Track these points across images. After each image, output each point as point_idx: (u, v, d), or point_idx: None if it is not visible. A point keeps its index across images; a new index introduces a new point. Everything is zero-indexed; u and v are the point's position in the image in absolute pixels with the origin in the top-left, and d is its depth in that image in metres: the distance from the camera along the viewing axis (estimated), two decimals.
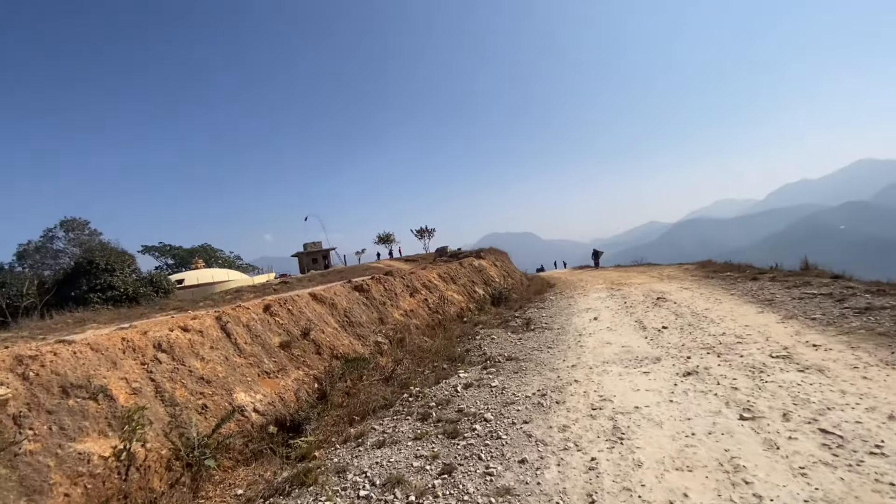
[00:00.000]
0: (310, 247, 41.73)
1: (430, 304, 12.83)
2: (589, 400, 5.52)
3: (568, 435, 4.65)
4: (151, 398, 4.91)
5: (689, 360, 6.60)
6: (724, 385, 5.44)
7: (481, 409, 5.65)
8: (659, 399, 5.29)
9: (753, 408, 4.71)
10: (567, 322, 10.88)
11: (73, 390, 4.39)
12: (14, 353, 4.42)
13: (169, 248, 44.45)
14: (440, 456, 4.51)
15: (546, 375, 6.71)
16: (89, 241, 29.95)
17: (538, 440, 4.61)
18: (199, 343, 5.99)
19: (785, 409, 4.54)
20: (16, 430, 3.89)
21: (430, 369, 7.92)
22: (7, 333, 9.06)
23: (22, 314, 15.81)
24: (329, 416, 6.08)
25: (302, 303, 8.63)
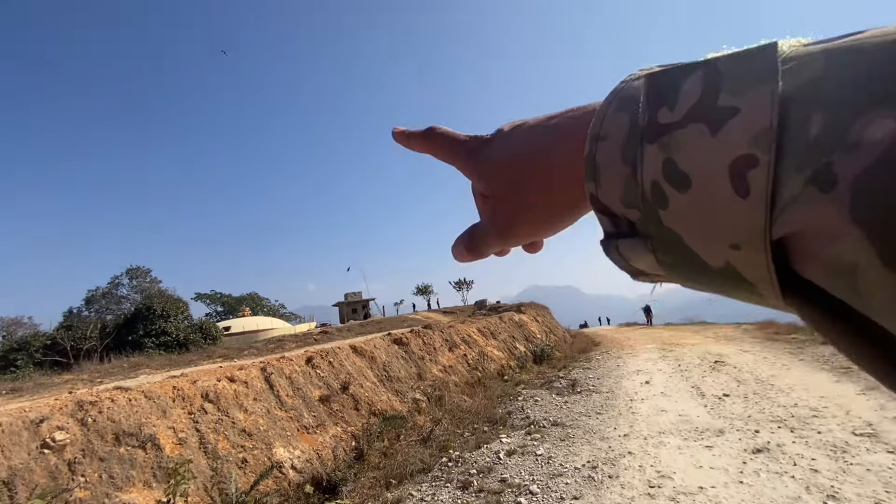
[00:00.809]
0: (350, 297, 42.58)
1: (470, 360, 12.52)
2: (646, 476, 5.04)
3: None
4: (195, 449, 4.94)
5: (757, 434, 5.96)
6: (803, 466, 4.83)
7: (526, 479, 5.28)
8: (726, 479, 4.75)
9: (839, 494, 4.14)
10: (616, 385, 10.23)
11: (125, 438, 4.50)
12: (76, 399, 4.65)
13: (219, 296, 46.66)
14: None
15: (596, 445, 6.23)
16: (150, 289, 32.01)
17: None
18: (244, 394, 6.07)
19: (877, 498, 3.96)
20: (69, 477, 4.00)
21: (470, 431, 7.57)
22: (69, 375, 9.62)
23: (84, 356, 16.83)
24: (365, 478, 5.86)
25: (342, 355, 8.66)
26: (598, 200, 0.24)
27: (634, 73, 0.26)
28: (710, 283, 0.21)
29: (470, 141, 0.37)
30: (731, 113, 0.18)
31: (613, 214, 0.24)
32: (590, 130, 0.25)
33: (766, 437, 5.78)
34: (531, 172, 0.31)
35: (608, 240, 0.25)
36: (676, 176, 0.20)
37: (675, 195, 0.20)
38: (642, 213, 0.22)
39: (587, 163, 0.25)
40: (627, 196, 0.22)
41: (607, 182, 0.23)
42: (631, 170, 0.22)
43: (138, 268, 33.50)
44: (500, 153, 0.34)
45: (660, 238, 0.21)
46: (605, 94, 0.26)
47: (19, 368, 16.97)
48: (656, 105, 0.21)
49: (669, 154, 0.20)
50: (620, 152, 0.23)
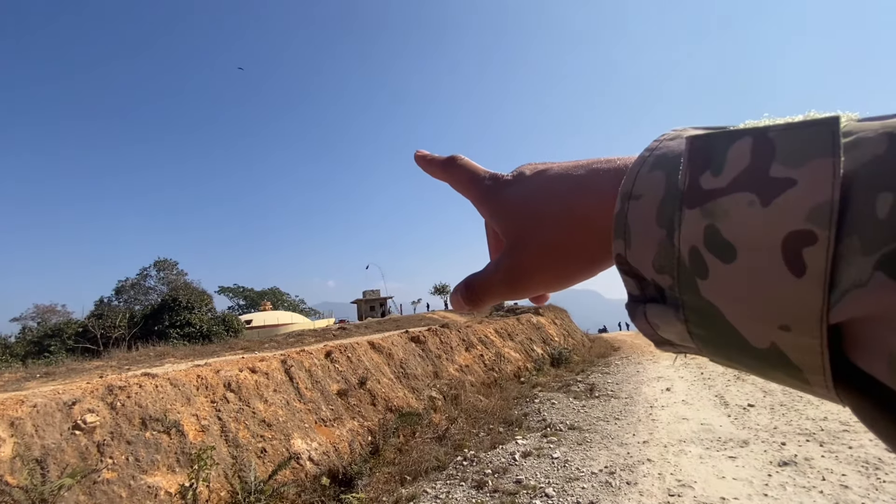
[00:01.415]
0: (368, 294, 42.93)
1: (486, 361, 12.47)
2: (665, 484, 4.93)
3: None
4: (217, 437, 5.06)
5: (784, 446, 5.76)
6: (832, 481, 4.66)
7: (542, 482, 5.22)
8: (750, 491, 4.61)
9: None
10: (636, 391, 10.04)
11: (151, 423, 4.65)
12: (106, 383, 4.82)
13: (242, 290, 47.69)
14: None
15: (614, 450, 6.13)
16: (176, 281, 32.97)
17: None
18: (265, 385, 6.19)
19: None
20: (98, 458, 4.15)
21: (486, 432, 7.54)
22: (99, 362, 9.98)
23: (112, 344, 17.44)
24: (380, 473, 5.90)
25: (360, 351, 8.74)
26: (626, 262, 0.23)
27: (668, 132, 0.25)
28: (750, 363, 0.20)
29: (489, 179, 0.36)
30: (785, 185, 0.17)
31: (641, 277, 0.23)
32: (622, 188, 0.24)
33: (793, 450, 5.59)
34: (552, 225, 0.29)
35: (634, 303, 0.24)
36: (720, 245, 0.18)
37: (718, 265, 0.18)
38: (677, 280, 0.20)
39: (617, 221, 0.23)
40: (660, 260, 0.21)
41: (639, 243, 0.22)
42: (666, 233, 0.21)
43: (166, 260, 34.54)
44: (519, 198, 0.32)
45: (695, 309, 0.20)
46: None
47: (52, 354, 17.71)
48: (699, 169, 0.20)
49: (713, 221, 0.19)
50: (655, 213, 0.22)
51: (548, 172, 0.32)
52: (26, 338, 22.99)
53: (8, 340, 22.51)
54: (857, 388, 0.17)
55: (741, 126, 0.21)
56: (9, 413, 4.01)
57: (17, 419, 4.00)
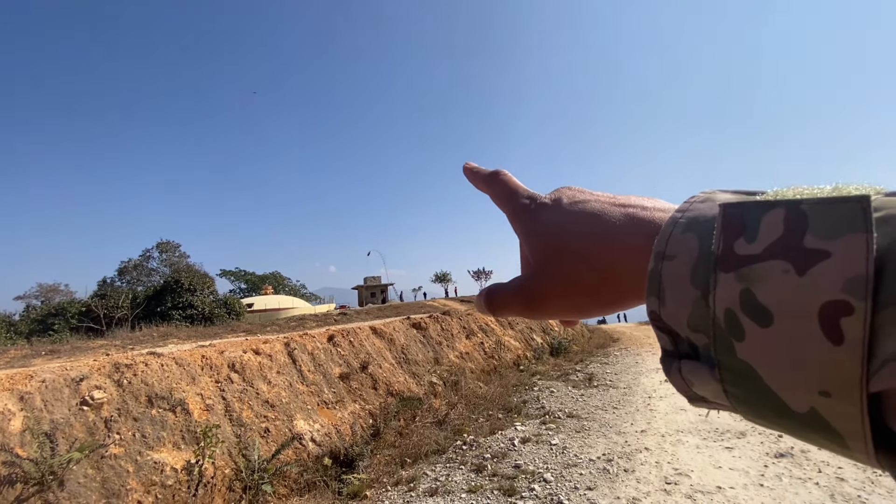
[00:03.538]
0: (369, 281, 43.07)
1: (486, 349, 12.56)
2: (662, 472, 5.00)
3: None
4: (221, 416, 5.14)
5: (780, 438, 5.83)
6: (828, 474, 4.72)
7: (540, 467, 5.30)
8: (746, 481, 4.68)
9: None
10: (634, 382, 10.13)
11: (157, 401, 4.71)
12: (113, 361, 4.87)
13: (243, 274, 47.84)
14: None
15: (612, 438, 6.21)
16: (178, 263, 33.07)
17: None
18: (268, 367, 6.26)
19: None
20: (105, 433, 4.22)
21: (485, 417, 7.63)
22: (103, 341, 10.07)
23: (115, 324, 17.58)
24: (381, 455, 6.00)
25: (363, 336, 8.81)
26: (660, 318, 0.24)
27: (698, 195, 0.26)
28: (788, 425, 0.20)
29: (527, 198, 0.37)
30: (820, 256, 0.18)
31: (675, 334, 0.24)
32: (655, 246, 0.24)
33: (789, 442, 5.65)
34: (577, 261, 0.30)
35: (669, 359, 0.24)
36: (756, 309, 0.19)
37: (754, 328, 0.19)
38: (713, 339, 0.21)
39: (651, 279, 0.24)
40: (695, 320, 0.22)
41: (673, 302, 0.23)
42: (701, 294, 0.21)
43: (168, 242, 34.59)
44: (551, 226, 0.33)
45: (731, 369, 0.20)
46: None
47: (56, 332, 17.85)
48: (733, 235, 0.20)
49: (748, 286, 0.19)
50: (689, 274, 0.22)
51: (584, 206, 0.32)
52: (30, 316, 23.16)
53: (12, 318, 22.70)
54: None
55: (770, 195, 0.21)
56: (18, 388, 4.07)
57: (27, 394, 4.07)
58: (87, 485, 3.84)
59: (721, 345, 0.20)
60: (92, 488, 3.85)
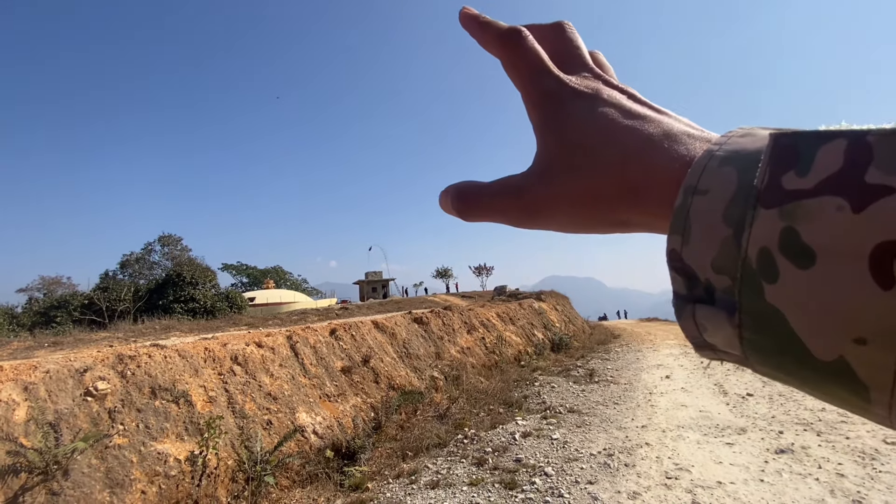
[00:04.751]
0: (371, 276, 43.08)
1: (488, 344, 12.58)
2: (663, 467, 5.02)
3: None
4: (224, 408, 5.16)
5: (781, 434, 5.85)
6: (828, 470, 4.73)
7: (541, 461, 5.33)
8: (746, 476, 4.70)
9: (865, 501, 4.05)
10: (635, 378, 10.14)
11: (160, 392, 4.74)
12: (117, 352, 4.89)
13: (245, 268, 47.92)
14: None
15: (613, 433, 6.23)
16: (180, 256, 33.15)
17: None
18: (271, 360, 6.28)
19: None
20: (109, 424, 4.24)
21: (486, 412, 7.66)
22: (105, 333, 10.11)
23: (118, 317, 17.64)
24: (383, 448, 6.03)
25: (364, 330, 8.83)
26: (679, 258, 0.22)
27: (736, 129, 0.24)
28: (806, 375, 0.18)
29: (552, 79, 0.31)
30: (881, 192, 0.16)
31: (693, 276, 0.22)
32: (686, 180, 0.22)
33: (790, 439, 5.66)
34: (605, 172, 0.27)
35: (682, 302, 0.23)
36: (797, 249, 0.17)
37: (791, 270, 0.17)
38: (738, 282, 0.19)
39: (676, 215, 0.22)
40: (721, 260, 0.20)
41: (698, 241, 0.21)
42: (733, 232, 0.20)
43: (170, 235, 34.68)
44: (582, 124, 0.29)
45: (754, 313, 0.19)
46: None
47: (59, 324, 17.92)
48: (782, 168, 0.19)
49: (792, 223, 0.18)
50: (723, 211, 0.20)
51: (622, 112, 0.28)
52: (33, 308, 23.25)
53: (15, 311, 22.78)
54: None
55: (833, 127, 0.19)
56: (22, 378, 4.09)
57: (31, 384, 4.09)
58: (90, 475, 3.87)
59: (748, 287, 0.19)
60: (96, 478, 3.88)
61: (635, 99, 0.29)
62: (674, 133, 0.26)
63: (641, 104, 0.29)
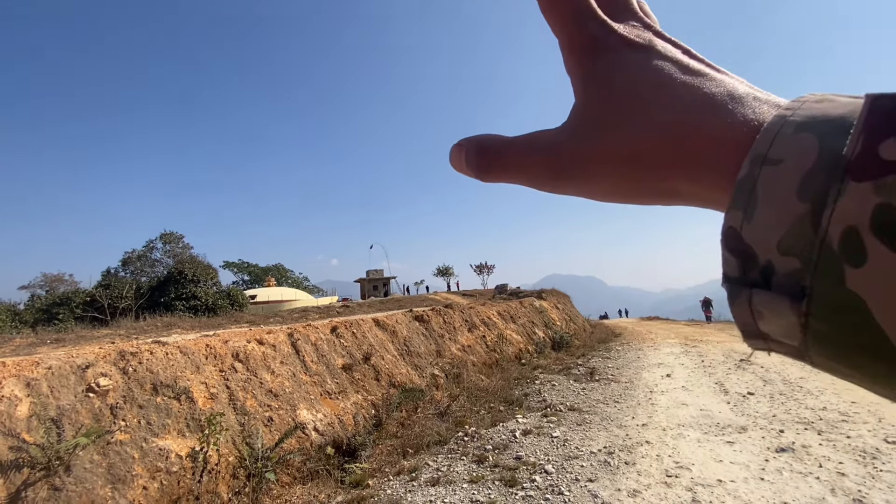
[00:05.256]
0: (372, 274, 43.12)
1: (488, 342, 12.59)
2: (663, 465, 5.02)
3: (639, 501, 4.23)
4: (225, 405, 5.18)
5: (782, 433, 5.84)
6: (829, 468, 4.72)
7: (541, 459, 5.33)
8: (747, 475, 4.69)
9: (867, 500, 4.04)
10: (636, 376, 10.14)
11: (162, 389, 4.75)
12: (118, 349, 4.91)
13: (246, 266, 47.97)
14: None
15: (613, 432, 6.23)
16: (182, 254, 33.16)
17: (605, 502, 4.24)
18: (272, 357, 6.29)
19: None
20: (111, 420, 4.26)
21: (486, 410, 7.67)
22: (107, 331, 10.14)
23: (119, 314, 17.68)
24: (384, 445, 6.05)
25: (365, 327, 8.84)
26: (738, 237, 0.20)
27: (809, 95, 0.21)
28: (879, 371, 0.17)
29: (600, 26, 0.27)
30: None
31: (750, 257, 0.19)
32: (754, 148, 0.20)
33: (790, 437, 5.66)
34: (656, 134, 0.24)
35: (737, 286, 0.20)
36: (893, 230, 0.15)
37: (882, 254, 0.15)
38: (813, 265, 0.17)
39: (739, 188, 0.20)
40: (791, 240, 0.18)
41: (765, 217, 0.19)
42: (810, 208, 0.17)
43: (172, 233, 34.67)
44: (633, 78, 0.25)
45: (829, 301, 0.17)
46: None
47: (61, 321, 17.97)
48: (880, 135, 0.16)
49: (890, 200, 0.15)
50: (798, 184, 0.18)
51: (678, 67, 0.25)
52: (35, 305, 23.28)
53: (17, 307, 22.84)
54: None
55: None
56: (25, 374, 4.11)
57: (33, 380, 4.10)
58: (92, 470, 3.89)
59: (825, 271, 0.17)
60: (98, 474, 3.90)
61: (691, 55, 0.26)
62: (738, 94, 0.23)
63: (699, 61, 0.26)
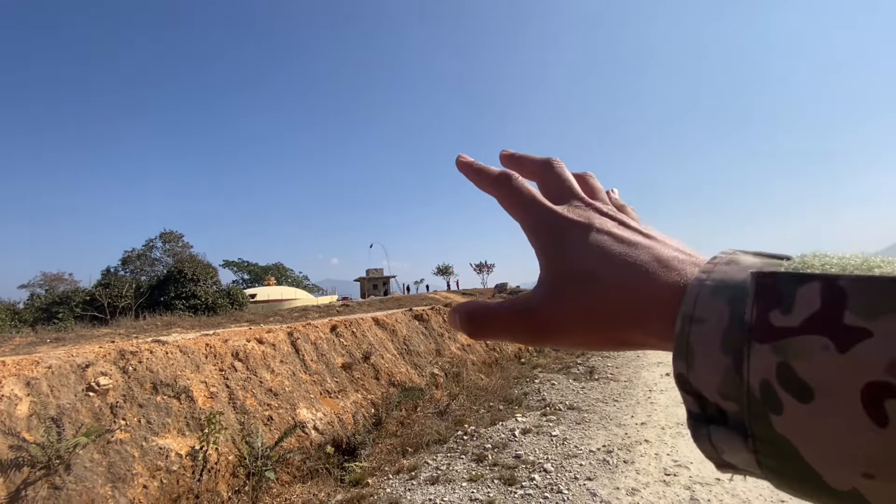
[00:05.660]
0: (372, 273, 43.16)
1: (488, 341, 12.60)
2: (661, 464, 5.04)
3: (637, 500, 4.25)
4: (225, 404, 5.19)
5: None
6: None
7: (540, 457, 5.35)
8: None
9: None
10: (636, 375, 10.16)
11: (162, 388, 4.76)
12: (118, 348, 4.92)
13: (246, 265, 48.00)
14: (496, 503, 4.29)
15: (612, 430, 6.25)
16: (181, 253, 33.14)
17: (604, 501, 4.25)
18: (271, 356, 6.30)
19: None
20: (111, 419, 4.27)
21: (486, 409, 7.69)
22: (107, 329, 10.15)
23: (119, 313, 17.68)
24: (383, 444, 6.06)
25: (365, 326, 8.85)
26: (687, 382, 0.22)
27: (720, 255, 0.25)
28: (823, 499, 0.19)
29: (548, 212, 0.32)
30: (861, 335, 0.17)
31: (703, 398, 0.22)
32: (682, 308, 0.23)
33: None
34: (609, 295, 0.27)
35: (697, 423, 0.23)
36: (794, 384, 0.18)
37: (793, 404, 0.18)
38: (746, 410, 0.20)
39: (678, 341, 0.23)
40: (726, 387, 0.20)
41: (702, 367, 0.21)
42: (732, 361, 0.20)
43: (171, 232, 34.65)
44: (581, 251, 0.30)
45: (767, 441, 0.19)
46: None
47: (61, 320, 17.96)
48: (767, 305, 0.19)
49: (785, 359, 0.18)
50: (720, 340, 0.21)
51: (613, 235, 0.30)
52: (34, 304, 23.27)
53: (16, 307, 22.83)
54: None
55: (796, 261, 0.21)
56: (25, 373, 4.12)
57: (33, 379, 4.11)
58: (93, 469, 3.90)
59: (756, 416, 0.19)
60: (98, 472, 3.91)
61: (625, 225, 0.31)
62: (664, 258, 0.27)
63: (631, 230, 0.30)
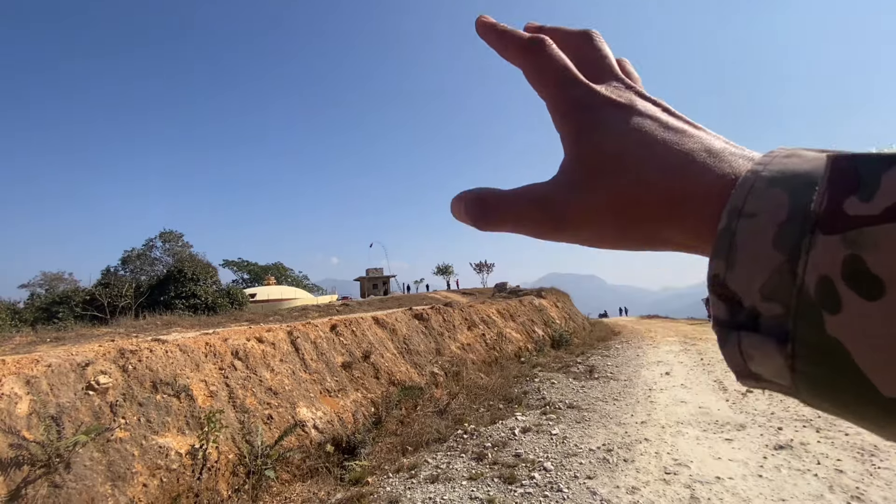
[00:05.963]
0: (372, 272, 43.17)
1: (488, 340, 12.60)
2: (662, 462, 5.04)
3: (637, 498, 4.24)
4: (225, 402, 5.19)
5: (780, 431, 5.85)
6: (827, 466, 4.74)
7: (540, 456, 5.35)
8: (745, 472, 4.71)
9: (864, 496, 4.06)
10: (635, 374, 10.16)
11: (162, 386, 4.76)
12: (118, 347, 4.92)
13: (246, 264, 48.01)
14: (496, 501, 4.29)
15: (612, 429, 6.24)
16: (181, 252, 33.16)
17: (603, 499, 4.25)
18: (271, 355, 6.30)
19: None
20: (111, 418, 4.27)
21: (486, 408, 7.68)
22: (107, 329, 10.16)
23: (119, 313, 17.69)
24: (383, 443, 6.06)
25: (365, 325, 8.85)
26: (723, 284, 0.20)
27: (778, 149, 0.23)
28: (868, 412, 0.17)
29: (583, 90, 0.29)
30: None
31: (737, 302, 0.20)
32: (730, 201, 0.21)
33: (789, 435, 5.67)
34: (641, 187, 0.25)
35: (725, 329, 0.21)
36: (863, 279, 0.16)
37: (856, 301, 0.16)
38: (793, 311, 0.18)
39: (720, 239, 0.21)
40: (772, 287, 0.19)
41: (746, 266, 0.20)
42: (786, 258, 0.18)
43: (171, 232, 34.68)
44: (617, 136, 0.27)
45: (812, 345, 0.17)
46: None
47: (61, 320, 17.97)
48: (843, 192, 0.17)
49: (857, 252, 0.16)
50: (774, 235, 0.19)
51: (658, 125, 0.27)
52: (35, 304, 23.30)
53: (17, 306, 22.84)
54: None
55: (890, 150, 0.18)
56: (24, 371, 4.12)
57: (33, 377, 4.11)
58: (92, 468, 3.90)
59: (805, 318, 0.18)
60: (98, 471, 3.91)
61: (670, 112, 0.28)
62: (715, 149, 0.25)
63: (678, 118, 0.28)
